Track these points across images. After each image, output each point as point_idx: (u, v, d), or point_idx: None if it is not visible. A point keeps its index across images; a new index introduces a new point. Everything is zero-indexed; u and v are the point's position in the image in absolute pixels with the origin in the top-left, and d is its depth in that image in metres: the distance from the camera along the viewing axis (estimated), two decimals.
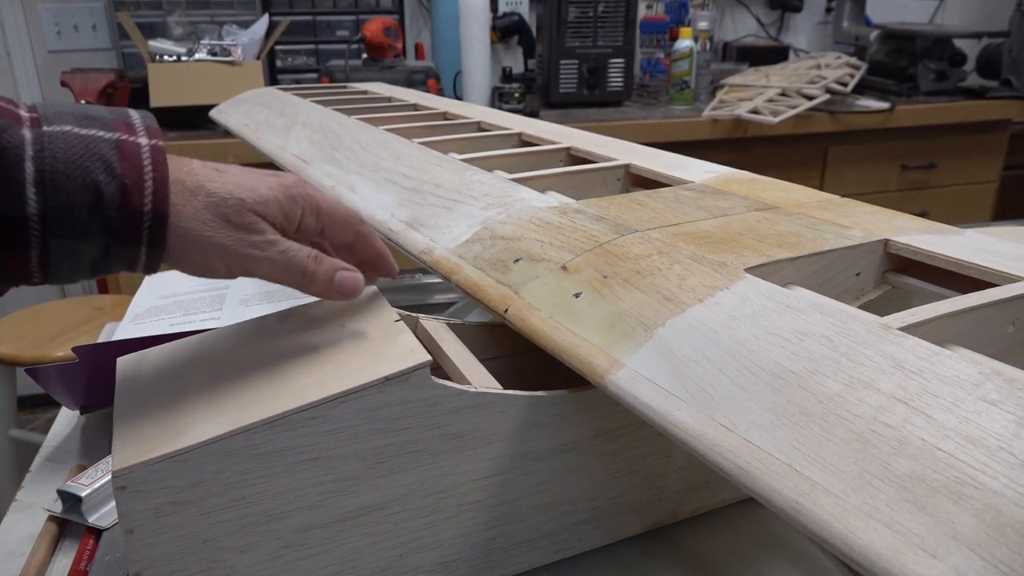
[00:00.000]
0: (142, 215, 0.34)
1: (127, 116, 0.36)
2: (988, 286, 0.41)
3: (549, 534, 0.47)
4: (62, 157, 0.32)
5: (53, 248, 0.33)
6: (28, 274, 0.34)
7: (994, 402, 0.28)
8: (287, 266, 0.39)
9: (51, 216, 0.32)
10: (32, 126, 0.33)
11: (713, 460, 0.31)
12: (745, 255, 0.43)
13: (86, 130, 0.34)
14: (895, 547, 0.25)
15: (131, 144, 0.34)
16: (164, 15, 1.77)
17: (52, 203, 0.32)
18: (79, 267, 0.35)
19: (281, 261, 0.39)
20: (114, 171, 0.33)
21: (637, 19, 1.93)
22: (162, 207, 0.34)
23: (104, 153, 0.33)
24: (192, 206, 0.36)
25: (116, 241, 0.34)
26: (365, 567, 0.41)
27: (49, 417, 1.98)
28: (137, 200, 0.34)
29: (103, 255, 0.34)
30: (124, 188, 0.33)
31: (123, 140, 0.34)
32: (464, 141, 0.79)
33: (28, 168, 0.32)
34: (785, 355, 0.33)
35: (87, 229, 0.33)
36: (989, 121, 1.95)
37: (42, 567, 0.49)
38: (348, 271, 0.42)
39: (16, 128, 0.32)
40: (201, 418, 0.37)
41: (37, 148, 0.32)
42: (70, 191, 0.32)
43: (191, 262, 0.37)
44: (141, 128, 0.35)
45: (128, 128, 0.35)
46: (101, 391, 0.63)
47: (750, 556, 0.49)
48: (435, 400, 0.40)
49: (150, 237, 0.34)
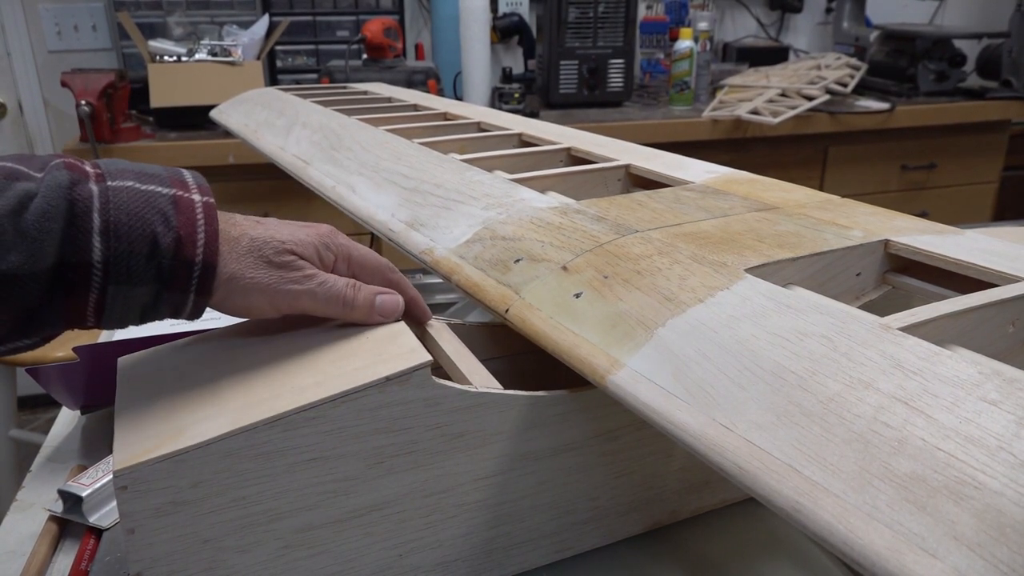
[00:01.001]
0: (193, 264, 0.37)
1: (181, 175, 0.39)
2: (988, 286, 0.41)
3: (549, 534, 0.47)
4: (125, 209, 0.35)
5: (110, 293, 0.35)
6: (83, 318, 0.36)
7: (994, 402, 0.28)
8: (328, 296, 0.41)
9: (112, 263, 0.35)
10: (98, 181, 0.36)
11: (713, 460, 0.31)
12: (745, 255, 0.43)
13: (146, 186, 0.37)
14: (895, 547, 0.25)
15: (186, 199, 0.37)
16: (164, 15, 1.77)
17: (114, 251, 0.35)
18: (130, 312, 0.37)
19: (322, 293, 0.41)
20: (171, 223, 0.36)
21: (637, 19, 1.93)
22: (212, 257, 0.37)
23: (162, 207, 0.36)
24: (236, 252, 0.39)
25: (167, 288, 0.37)
26: (365, 567, 0.41)
27: (49, 417, 1.98)
28: (190, 250, 0.36)
29: (153, 301, 0.37)
30: (179, 239, 0.36)
31: (179, 196, 0.37)
32: (464, 141, 0.79)
33: (95, 219, 0.35)
34: (785, 355, 0.33)
35: (143, 276, 0.36)
36: (989, 122, 1.95)
37: (43, 567, 0.49)
38: (387, 294, 0.44)
39: (85, 183, 0.35)
40: (202, 418, 0.37)
41: (103, 201, 0.35)
42: (131, 240, 0.35)
43: (236, 304, 0.39)
44: (194, 186, 0.38)
45: (183, 185, 0.38)
46: (101, 391, 0.63)
47: (750, 556, 0.49)
48: (436, 400, 0.40)
49: (199, 285, 0.37)
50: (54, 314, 0.35)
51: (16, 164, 0.35)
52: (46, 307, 0.35)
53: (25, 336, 0.36)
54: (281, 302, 0.40)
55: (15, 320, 0.34)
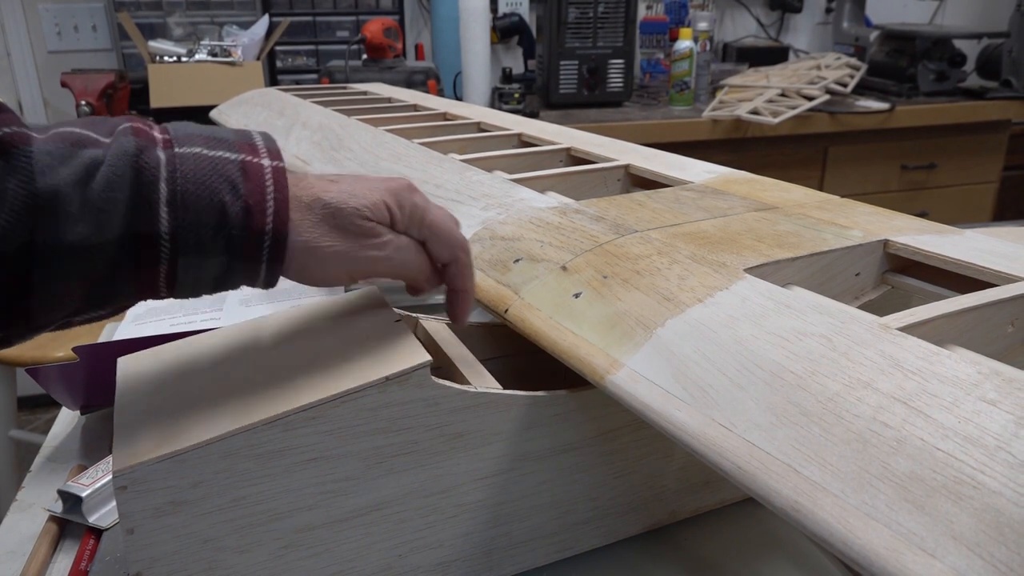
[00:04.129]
0: (263, 234, 0.35)
1: (251, 137, 0.37)
2: (987, 286, 0.41)
3: (549, 534, 0.47)
4: (192, 178, 0.34)
5: (180, 265, 0.34)
6: (156, 289, 0.35)
7: (993, 402, 0.28)
8: (403, 263, 0.40)
9: (180, 235, 0.34)
10: (165, 147, 0.34)
11: (713, 460, 0.31)
12: (745, 255, 0.43)
13: (214, 151, 0.35)
14: (894, 547, 0.25)
15: (255, 165, 0.36)
16: (164, 16, 1.77)
17: (182, 222, 0.34)
18: (202, 283, 0.36)
19: (397, 259, 0.40)
20: (239, 192, 0.35)
21: (637, 20, 1.93)
22: (282, 226, 0.36)
23: (230, 174, 0.35)
24: (309, 220, 0.37)
25: (237, 258, 0.35)
26: (365, 567, 0.41)
27: (49, 417, 1.99)
28: (259, 220, 0.35)
29: (225, 272, 0.36)
30: (247, 208, 0.35)
31: (247, 161, 0.36)
32: (464, 142, 0.79)
33: (163, 189, 0.33)
34: (785, 355, 0.33)
35: (212, 248, 0.35)
36: (989, 121, 1.95)
37: (42, 567, 0.49)
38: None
39: (152, 150, 0.34)
40: (201, 418, 0.37)
41: (170, 169, 0.34)
42: (198, 211, 0.34)
43: (312, 273, 0.38)
44: (263, 149, 0.37)
45: (252, 149, 0.36)
46: (101, 391, 0.63)
47: (750, 556, 0.49)
48: (435, 400, 0.40)
49: (270, 254, 0.36)
50: (126, 285, 0.34)
51: (84, 129, 0.34)
52: (117, 278, 0.34)
53: (99, 307, 0.35)
54: (357, 269, 0.39)
55: (86, 291, 0.34)
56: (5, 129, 0.32)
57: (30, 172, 0.31)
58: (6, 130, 0.32)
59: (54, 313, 0.33)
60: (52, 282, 0.32)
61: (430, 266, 0.42)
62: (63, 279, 0.32)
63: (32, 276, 0.32)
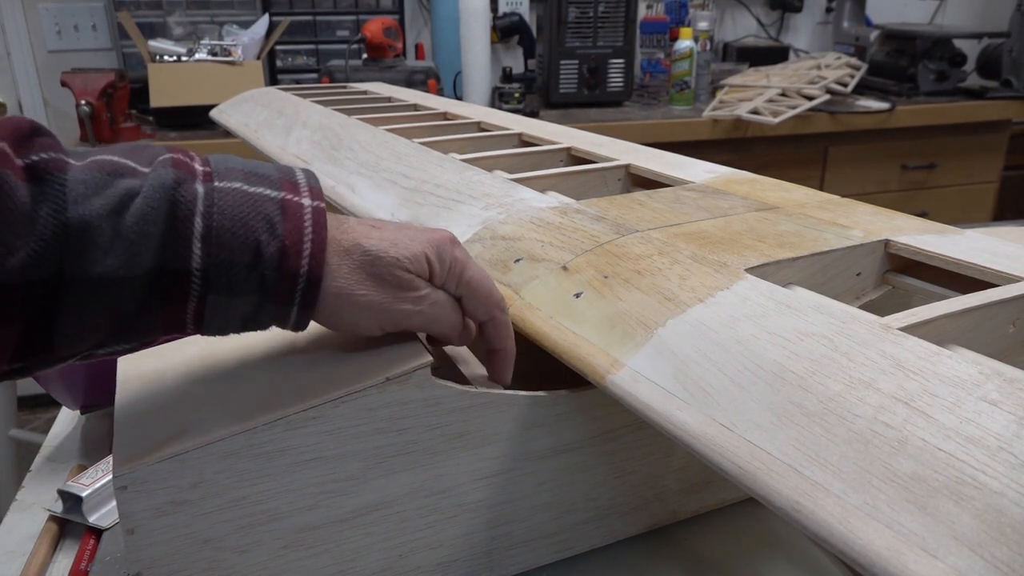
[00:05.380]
0: (297, 276, 0.34)
1: (292, 175, 0.37)
2: (988, 286, 0.41)
3: (549, 534, 0.47)
4: (229, 214, 0.33)
5: (209, 303, 0.34)
6: (183, 325, 0.34)
7: (995, 402, 0.28)
8: (436, 319, 0.39)
9: (212, 272, 0.33)
10: (205, 181, 0.34)
11: (713, 460, 0.31)
12: (745, 255, 0.43)
13: (254, 188, 0.34)
14: (895, 547, 0.25)
15: (295, 204, 0.35)
16: (164, 15, 1.77)
17: (215, 259, 0.33)
18: (231, 322, 0.35)
19: (431, 315, 0.39)
20: (276, 231, 0.34)
21: (637, 19, 1.93)
22: (317, 269, 0.35)
23: (268, 212, 0.34)
24: (346, 266, 0.36)
25: (269, 299, 0.35)
26: (365, 567, 0.41)
27: (49, 417, 1.98)
28: (294, 262, 0.34)
29: (255, 312, 0.35)
30: (283, 249, 0.34)
31: (287, 200, 0.35)
32: (464, 141, 0.79)
33: (198, 223, 0.32)
34: (785, 355, 0.33)
35: (244, 287, 0.34)
36: (989, 121, 1.95)
37: (42, 567, 0.49)
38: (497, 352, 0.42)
39: (191, 183, 0.33)
40: (202, 418, 0.37)
41: (207, 204, 0.33)
42: (233, 248, 0.33)
43: (342, 321, 0.37)
44: (305, 189, 0.36)
45: (293, 188, 0.36)
46: (101, 391, 0.63)
47: (750, 556, 0.49)
48: (436, 400, 0.40)
49: (303, 298, 0.35)
50: (152, 320, 0.33)
51: (123, 158, 0.33)
52: (144, 313, 0.33)
53: (124, 341, 0.34)
54: (388, 321, 0.38)
55: (112, 325, 0.33)
56: (43, 155, 0.31)
57: (63, 201, 0.30)
58: (44, 156, 0.31)
59: (77, 346, 0.33)
60: (78, 314, 0.31)
61: (462, 323, 0.41)
62: (89, 311, 0.32)
63: (58, 306, 0.31)
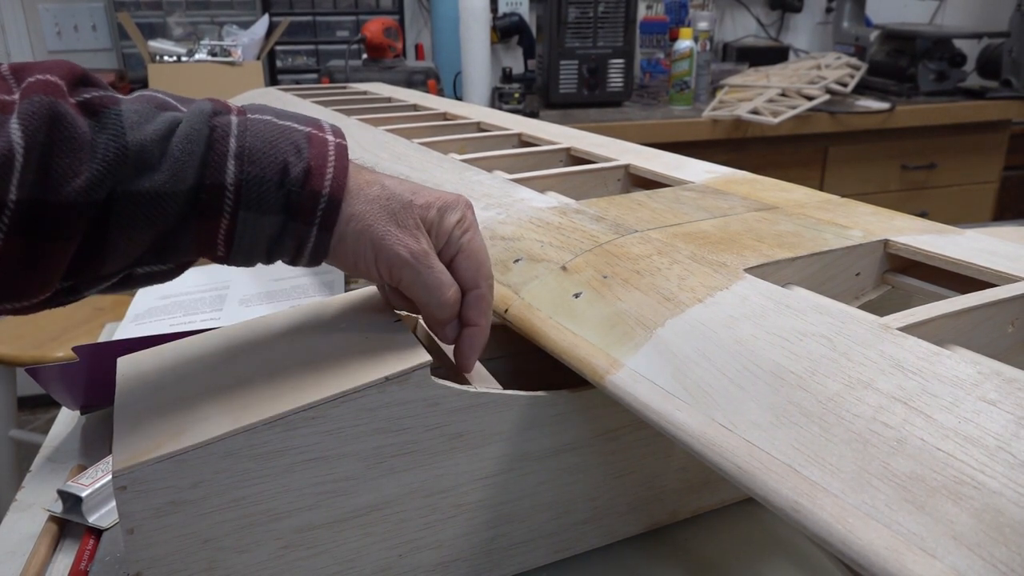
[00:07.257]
0: (319, 195, 0.37)
1: (318, 121, 0.40)
2: (988, 286, 0.41)
3: (549, 534, 0.47)
4: (260, 137, 0.37)
5: (240, 219, 0.36)
6: (214, 245, 0.37)
7: (993, 402, 0.28)
8: (426, 284, 0.40)
9: (244, 187, 0.36)
10: (239, 114, 0.37)
11: (713, 460, 0.31)
12: (745, 255, 0.43)
13: (283, 121, 0.38)
14: (894, 547, 0.25)
15: (320, 137, 0.38)
16: (164, 15, 1.77)
17: (247, 175, 0.36)
18: (258, 245, 0.37)
19: (424, 276, 0.39)
20: (302, 154, 0.37)
21: (637, 19, 1.93)
22: (338, 192, 0.38)
23: (296, 140, 0.37)
24: (365, 195, 0.39)
25: (292, 218, 0.37)
26: (365, 567, 0.41)
27: (49, 417, 1.99)
28: (317, 181, 0.37)
29: (279, 232, 0.37)
30: (308, 169, 0.37)
31: (313, 133, 0.38)
32: (464, 141, 0.79)
33: (232, 144, 0.36)
34: (785, 355, 0.33)
35: (272, 204, 0.36)
36: (989, 121, 1.95)
37: (42, 567, 0.49)
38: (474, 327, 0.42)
39: (227, 114, 0.37)
40: (201, 418, 0.37)
41: (241, 129, 0.37)
42: (263, 166, 0.36)
43: (347, 247, 0.39)
44: (329, 130, 0.39)
45: (318, 127, 0.39)
46: (101, 391, 0.63)
47: (750, 556, 0.49)
48: (435, 400, 0.40)
49: (323, 219, 0.37)
50: (188, 238, 0.36)
51: (166, 97, 0.37)
52: (181, 230, 0.36)
53: (160, 261, 0.37)
54: (383, 263, 0.39)
55: (152, 241, 0.35)
56: (96, 92, 0.35)
57: (121, 128, 0.34)
58: (96, 93, 0.34)
59: (121, 261, 0.35)
60: (128, 230, 0.34)
61: (449, 296, 0.40)
62: (138, 227, 0.34)
63: (109, 223, 0.34)
